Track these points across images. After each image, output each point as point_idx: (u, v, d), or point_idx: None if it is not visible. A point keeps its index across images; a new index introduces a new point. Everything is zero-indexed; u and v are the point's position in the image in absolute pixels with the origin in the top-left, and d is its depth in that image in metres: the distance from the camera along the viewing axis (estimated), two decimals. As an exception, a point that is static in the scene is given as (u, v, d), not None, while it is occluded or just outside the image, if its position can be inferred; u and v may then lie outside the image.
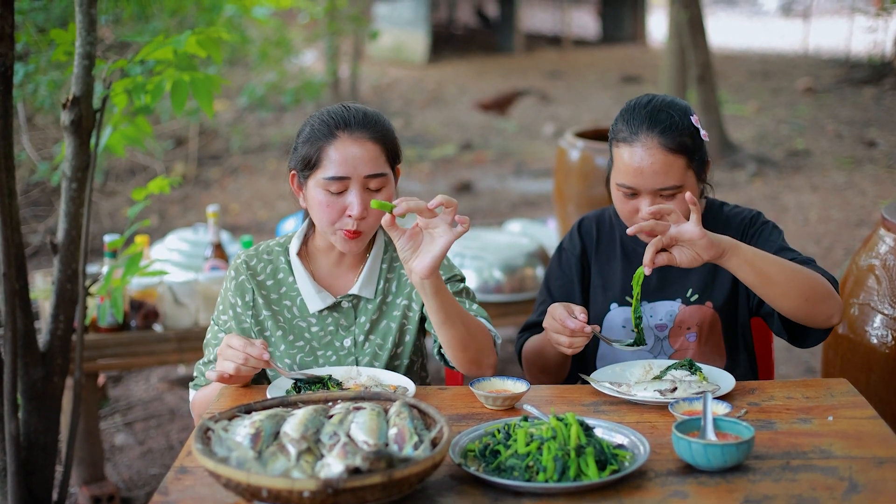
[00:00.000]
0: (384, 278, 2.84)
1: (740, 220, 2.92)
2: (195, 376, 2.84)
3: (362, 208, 2.64)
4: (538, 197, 9.61)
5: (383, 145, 2.70)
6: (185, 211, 9.17)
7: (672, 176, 2.73)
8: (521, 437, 2.13)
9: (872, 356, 3.33)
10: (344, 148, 2.65)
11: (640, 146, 2.73)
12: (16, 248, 3.46)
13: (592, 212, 3.10)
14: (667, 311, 2.90)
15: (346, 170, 2.64)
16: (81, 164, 3.61)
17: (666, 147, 2.72)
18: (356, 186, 2.65)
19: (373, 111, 2.76)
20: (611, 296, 2.96)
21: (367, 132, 2.68)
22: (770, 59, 18.03)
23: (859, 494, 2.00)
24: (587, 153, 5.29)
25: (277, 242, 2.88)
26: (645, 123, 2.74)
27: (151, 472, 4.78)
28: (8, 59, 3.37)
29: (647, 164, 2.72)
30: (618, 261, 2.98)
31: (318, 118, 2.72)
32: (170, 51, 3.48)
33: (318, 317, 2.81)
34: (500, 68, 18.24)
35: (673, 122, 2.74)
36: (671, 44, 10.49)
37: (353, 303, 2.82)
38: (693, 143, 2.76)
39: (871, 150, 10.70)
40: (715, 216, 2.93)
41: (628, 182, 2.75)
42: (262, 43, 11.36)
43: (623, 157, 2.76)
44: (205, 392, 2.75)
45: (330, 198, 2.66)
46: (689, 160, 2.75)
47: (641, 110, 2.77)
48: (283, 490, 1.88)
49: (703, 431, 2.19)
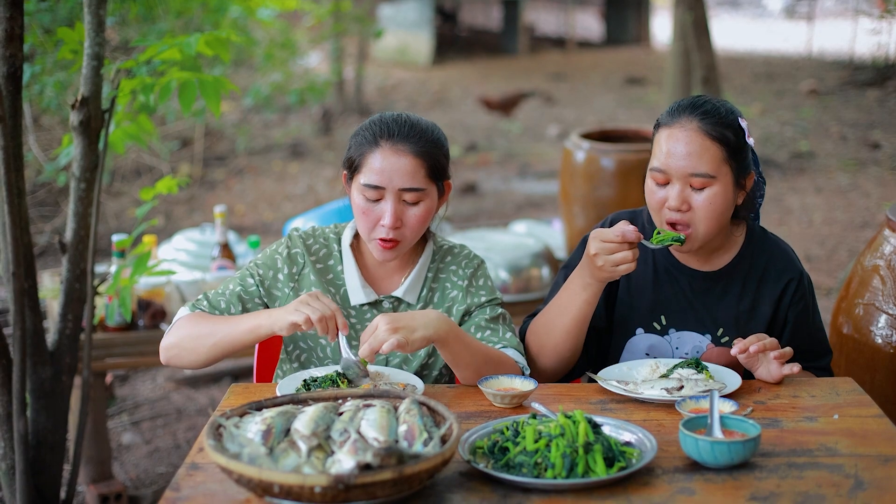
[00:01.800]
0: (428, 287, 2.85)
1: (786, 261, 2.84)
2: (198, 298, 2.79)
3: (394, 218, 2.65)
4: (543, 198, 9.62)
5: (425, 160, 2.69)
6: (191, 212, 9.19)
7: (705, 162, 2.64)
8: (530, 435, 2.15)
9: (877, 356, 3.35)
10: (384, 157, 2.66)
11: (679, 127, 2.67)
12: (24, 248, 3.47)
13: (626, 211, 2.95)
14: (693, 346, 2.83)
15: (382, 179, 2.66)
16: (90, 164, 3.63)
17: (704, 131, 2.65)
18: (391, 197, 2.66)
19: (426, 124, 2.75)
20: (637, 319, 2.87)
21: (410, 145, 2.67)
22: (774, 61, 18.04)
23: (865, 492, 2.02)
24: (593, 154, 5.30)
25: (332, 230, 2.89)
26: (687, 109, 2.69)
27: (158, 471, 4.80)
28: (17, 59, 3.39)
29: (683, 144, 2.64)
30: (649, 280, 2.87)
31: (370, 123, 2.73)
32: (176, 51, 3.50)
33: (358, 311, 2.82)
34: (505, 70, 18.26)
35: (716, 111, 2.68)
36: (676, 46, 10.49)
37: (393, 305, 2.82)
38: (736, 140, 2.68)
39: (875, 152, 10.70)
40: (759, 244, 2.85)
41: (661, 165, 2.67)
42: (267, 44, 11.38)
43: (660, 141, 2.70)
44: (196, 324, 2.68)
45: (367, 204, 2.68)
46: (727, 154, 2.66)
47: (687, 100, 2.73)
48: (295, 486, 1.89)
49: (710, 429, 2.20)
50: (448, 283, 2.85)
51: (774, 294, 2.81)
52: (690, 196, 2.66)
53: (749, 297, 2.81)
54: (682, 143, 2.65)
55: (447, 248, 2.91)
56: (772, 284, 2.81)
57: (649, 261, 2.88)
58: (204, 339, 2.64)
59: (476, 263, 2.89)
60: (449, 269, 2.86)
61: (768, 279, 2.82)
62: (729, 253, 2.84)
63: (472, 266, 2.87)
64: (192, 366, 2.70)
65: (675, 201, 2.66)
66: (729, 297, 2.82)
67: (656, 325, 2.85)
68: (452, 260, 2.88)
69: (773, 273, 2.82)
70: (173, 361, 2.72)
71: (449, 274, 2.86)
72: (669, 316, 2.84)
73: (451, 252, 2.89)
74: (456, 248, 2.91)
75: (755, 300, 2.81)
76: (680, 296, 2.83)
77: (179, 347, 2.69)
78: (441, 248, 2.90)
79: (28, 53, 5.66)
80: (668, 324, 2.84)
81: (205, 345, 2.64)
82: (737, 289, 2.82)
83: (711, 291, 2.82)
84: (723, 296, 2.82)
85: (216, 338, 2.63)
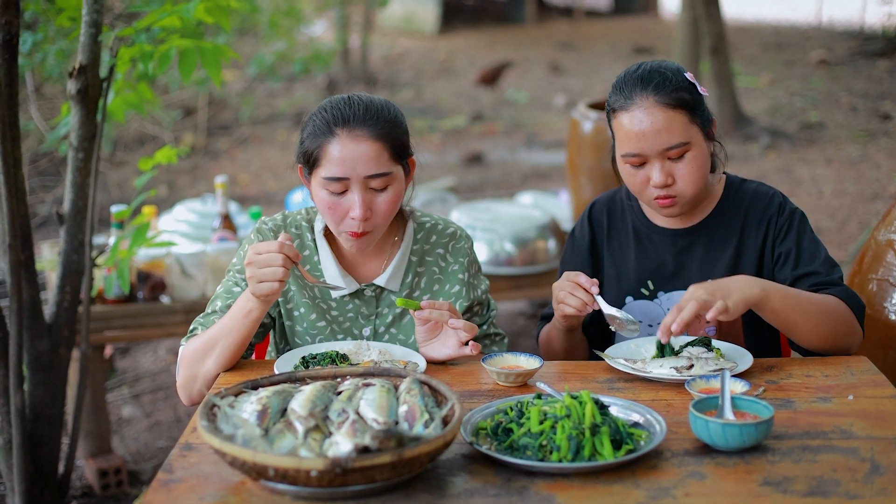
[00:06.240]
0: (413, 272, 2.76)
1: (766, 202, 2.81)
2: (191, 329, 2.67)
3: (364, 209, 2.53)
4: (550, 169, 9.55)
5: (386, 142, 2.56)
6: (195, 181, 9.14)
7: (676, 132, 2.63)
8: (535, 416, 2.09)
9: (891, 332, 3.28)
10: (342, 146, 2.53)
11: (637, 108, 2.64)
12: (21, 219, 3.42)
13: (604, 194, 2.99)
14: None
15: (344, 170, 2.53)
16: (88, 133, 3.57)
17: (663, 103, 2.62)
18: (357, 187, 2.54)
19: (379, 103, 2.60)
20: (626, 288, 2.86)
21: (368, 129, 2.54)
22: (783, 30, 17.88)
23: (882, 476, 1.95)
24: (600, 124, 5.24)
25: (303, 217, 2.78)
26: (637, 86, 2.66)
27: (159, 445, 4.76)
28: (13, 27, 3.32)
29: (648, 124, 2.62)
30: (631, 249, 2.87)
31: (321, 112, 2.59)
32: (176, 18, 3.42)
33: (340, 301, 2.73)
34: (512, 39, 18.13)
35: (665, 79, 2.65)
36: (684, 15, 10.37)
37: (376, 293, 2.74)
38: (692, 98, 2.66)
39: (885, 122, 10.60)
40: (736, 194, 2.84)
41: (633, 149, 2.65)
42: (271, 12, 11.29)
43: (623, 126, 2.67)
44: (195, 344, 2.57)
45: (332, 198, 2.56)
46: (690, 115, 2.65)
47: (631, 76, 2.69)
48: (291, 469, 1.83)
49: (721, 410, 2.14)
50: (436, 266, 2.77)
51: (759, 236, 2.78)
52: (672, 168, 2.65)
53: (732, 246, 2.78)
54: (647, 122, 2.63)
55: (430, 225, 2.81)
56: (755, 228, 2.78)
57: (629, 230, 2.89)
58: (209, 351, 2.54)
59: (467, 247, 2.81)
60: (436, 253, 2.78)
61: (751, 223, 2.79)
62: (708, 205, 2.83)
63: (464, 251, 2.79)
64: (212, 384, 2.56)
65: (659, 178, 2.64)
66: (713, 249, 2.79)
67: (644, 290, 2.84)
68: (438, 240, 2.79)
69: (754, 217, 2.80)
70: (195, 394, 2.58)
71: (436, 258, 2.78)
72: (655, 280, 2.83)
73: (434, 230, 2.80)
74: (440, 225, 2.82)
75: (739, 248, 2.78)
76: (664, 257, 2.82)
77: (193, 378, 2.56)
78: (423, 225, 2.80)
79: (30, 21, 5.59)
80: (656, 287, 2.82)
81: (212, 356, 2.54)
82: (719, 239, 2.79)
83: (694, 246, 2.81)
84: (707, 248, 2.80)
85: (219, 342, 2.53)
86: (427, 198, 5.64)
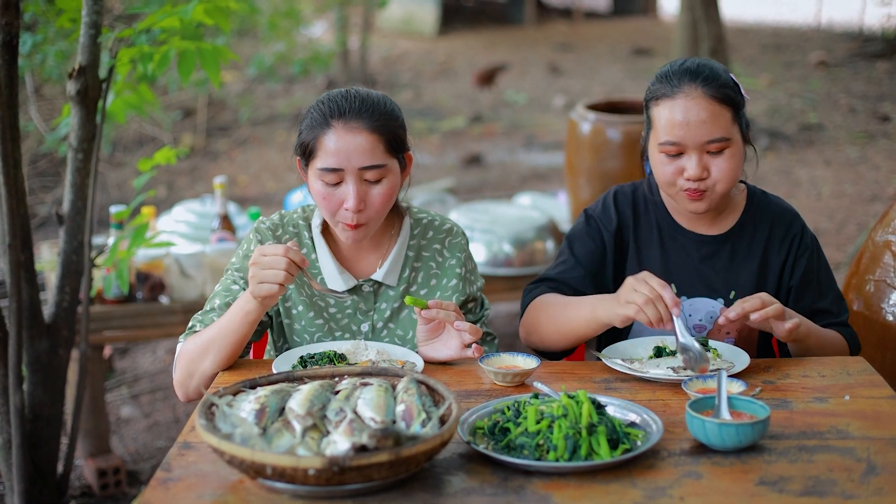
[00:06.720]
0: (410, 266, 2.77)
1: (789, 221, 2.83)
2: (190, 326, 2.67)
3: (357, 200, 2.55)
4: (548, 170, 9.55)
5: (381, 134, 2.58)
6: (194, 182, 9.14)
7: (719, 126, 2.62)
8: (532, 415, 2.09)
9: (888, 333, 3.28)
10: (338, 137, 2.55)
11: (684, 97, 2.62)
12: (21, 219, 3.42)
13: (627, 185, 2.93)
14: (707, 312, 2.78)
15: (339, 161, 2.55)
16: (87, 134, 3.58)
17: (711, 96, 2.62)
18: (352, 178, 2.56)
19: (376, 97, 2.63)
20: None
21: (363, 121, 2.56)
22: (783, 32, 17.88)
23: (878, 477, 1.96)
24: (599, 126, 5.23)
25: (300, 215, 2.80)
26: (686, 76, 2.65)
27: (157, 445, 4.76)
28: (13, 27, 3.33)
29: (694, 113, 2.61)
30: (656, 247, 2.84)
31: (318, 105, 2.62)
32: (175, 20, 3.43)
33: (338, 298, 2.74)
34: (511, 40, 18.12)
35: (715, 73, 2.65)
36: (683, 16, 10.36)
37: (373, 288, 2.75)
38: (736, 98, 2.67)
39: (884, 124, 10.60)
40: (759, 207, 2.84)
41: (673, 137, 2.63)
42: (271, 14, 11.28)
43: (664, 114, 2.65)
44: (193, 343, 2.57)
45: (327, 189, 2.58)
46: (734, 113, 2.65)
47: (678, 68, 2.68)
48: (288, 467, 1.84)
49: (718, 410, 2.15)
50: (433, 261, 2.78)
51: (781, 255, 2.80)
52: (708, 162, 2.65)
53: (756, 260, 2.79)
54: (693, 112, 2.61)
55: (427, 221, 2.82)
56: (778, 245, 2.80)
57: (654, 228, 2.86)
58: (207, 351, 2.54)
59: (464, 243, 2.82)
60: (432, 248, 2.79)
61: (774, 239, 2.81)
62: (733, 215, 2.84)
63: (460, 247, 2.80)
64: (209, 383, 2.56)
65: (695, 171, 2.63)
66: (738, 260, 2.80)
67: None
68: (435, 236, 2.80)
69: (777, 234, 2.81)
70: (191, 391, 2.59)
71: (433, 253, 2.79)
72: (679, 283, 2.81)
73: (431, 226, 2.81)
74: (437, 221, 2.83)
75: (764, 261, 2.80)
76: (688, 262, 2.81)
77: (189, 375, 2.57)
78: (419, 221, 2.82)
79: (30, 22, 5.60)
80: (679, 292, 2.80)
81: (209, 355, 2.54)
82: (744, 250, 2.80)
83: (719, 255, 2.81)
84: (732, 258, 2.80)
85: (217, 342, 2.53)
86: (426, 199, 5.65)
